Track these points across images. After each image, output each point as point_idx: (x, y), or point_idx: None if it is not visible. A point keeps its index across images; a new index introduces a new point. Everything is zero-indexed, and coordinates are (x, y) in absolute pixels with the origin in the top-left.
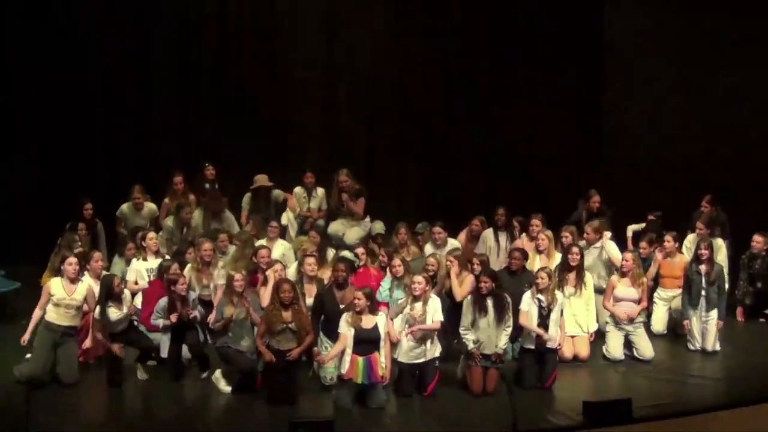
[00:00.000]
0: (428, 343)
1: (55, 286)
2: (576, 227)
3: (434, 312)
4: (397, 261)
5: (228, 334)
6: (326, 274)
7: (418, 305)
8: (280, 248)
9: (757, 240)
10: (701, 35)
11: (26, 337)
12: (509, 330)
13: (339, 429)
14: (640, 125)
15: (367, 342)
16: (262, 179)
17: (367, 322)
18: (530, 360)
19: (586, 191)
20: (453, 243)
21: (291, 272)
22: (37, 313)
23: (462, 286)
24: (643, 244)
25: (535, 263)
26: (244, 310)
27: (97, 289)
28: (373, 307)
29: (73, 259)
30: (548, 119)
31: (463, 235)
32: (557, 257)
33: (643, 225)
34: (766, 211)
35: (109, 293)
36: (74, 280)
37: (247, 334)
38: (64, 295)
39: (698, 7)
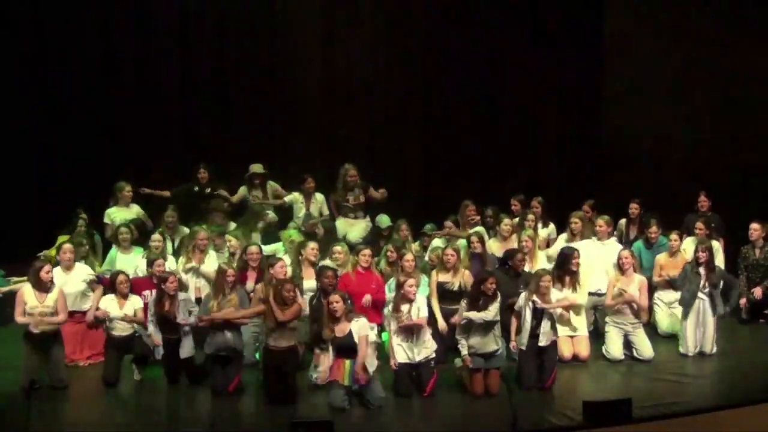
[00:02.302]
0: (419, 341)
1: (27, 294)
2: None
3: (419, 309)
4: (409, 256)
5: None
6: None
7: (405, 307)
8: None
9: (755, 228)
10: (700, 34)
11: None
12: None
13: (339, 429)
14: (640, 125)
15: (344, 350)
16: (256, 167)
17: (341, 329)
18: (529, 360)
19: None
20: (461, 241)
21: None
22: (21, 320)
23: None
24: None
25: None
26: (228, 304)
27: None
28: (350, 312)
29: (48, 267)
30: (548, 119)
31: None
32: (540, 258)
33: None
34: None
35: (113, 288)
36: (48, 288)
37: (231, 326)
38: (35, 303)
39: (698, 6)
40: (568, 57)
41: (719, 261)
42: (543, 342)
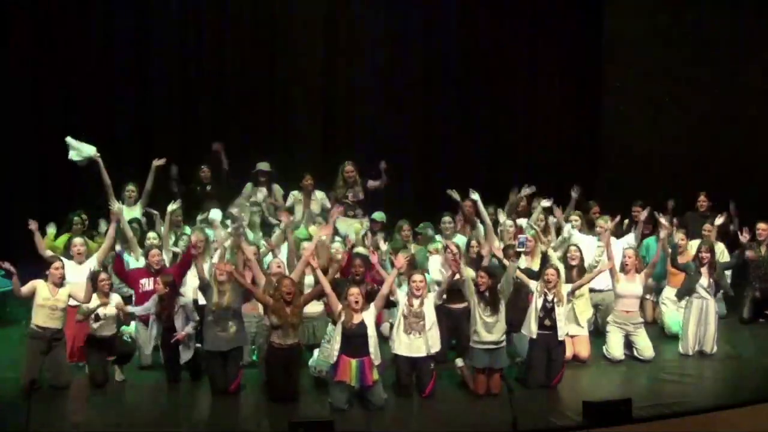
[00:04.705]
0: (427, 337)
1: (40, 286)
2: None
3: (430, 310)
4: (401, 257)
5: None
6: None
7: (416, 301)
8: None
9: (763, 227)
10: (700, 34)
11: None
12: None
13: (339, 429)
14: (640, 125)
15: (355, 337)
16: (262, 165)
17: (356, 317)
18: (539, 358)
19: (585, 203)
20: (460, 237)
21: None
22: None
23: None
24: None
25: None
26: (227, 299)
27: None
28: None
29: (59, 263)
30: (548, 119)
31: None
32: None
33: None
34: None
35: (94, 287)
36: (59, 284)
37: (233, 321)
38: (48, 296)
39: (698, 6)
40: (569, 57)
41: (723, 261)
42: (561, 336)
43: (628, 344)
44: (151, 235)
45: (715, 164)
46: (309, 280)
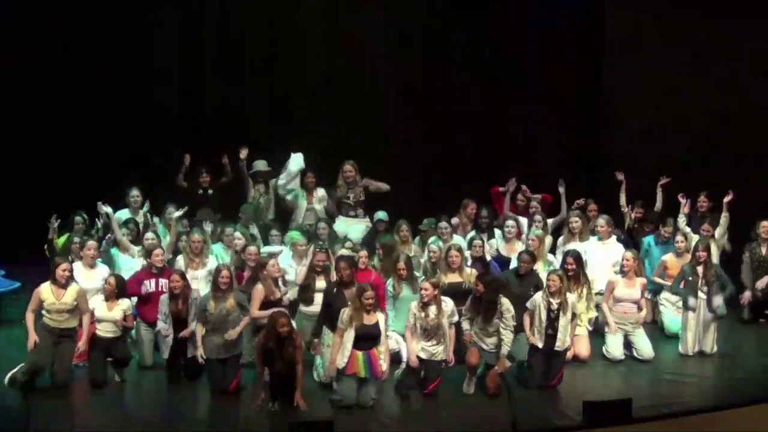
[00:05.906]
0: (443, 344)
1: (44, 292)
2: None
3: (451, 315)
4: (401, 264)
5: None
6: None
7: (431, 310)
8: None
9: (765, 225)
10: (701, 32)
11: (32, 341)
12: (509, 333)
13: (339, 429)
14: (640, 125)
15: (368, 338)
16: (260, 164)
17: (370, 318)
18: (539, 359)
19: (584, 201)
20: (457, 238)
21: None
22: (29, 317)
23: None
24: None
25: None
26: (226, 306)
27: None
28: (377, 304)
29: (66, 265)
30: (547, 119)
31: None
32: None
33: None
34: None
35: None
36: (64, 285)
37: (232, 327)
38: (53, 300)
39: (698, 5)
40: (568, 55)
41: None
42: (559, 346)
43: (628, 344)
44: (149, 236)
45: (715, 164)
46: (320, 284)
